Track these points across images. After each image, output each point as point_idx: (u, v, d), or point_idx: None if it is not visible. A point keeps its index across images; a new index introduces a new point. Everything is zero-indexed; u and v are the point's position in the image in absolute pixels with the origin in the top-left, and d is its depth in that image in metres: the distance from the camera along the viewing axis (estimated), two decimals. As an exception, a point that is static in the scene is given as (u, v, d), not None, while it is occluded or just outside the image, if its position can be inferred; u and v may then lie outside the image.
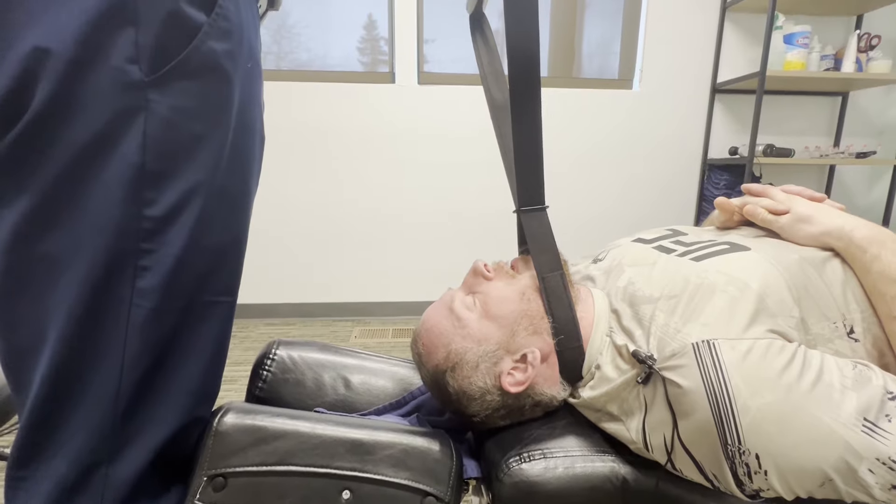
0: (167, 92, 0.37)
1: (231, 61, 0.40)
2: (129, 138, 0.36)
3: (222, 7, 0.39)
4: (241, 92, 0.43)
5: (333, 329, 2.22)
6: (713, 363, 0.41)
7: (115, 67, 0.35)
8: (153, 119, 0.37)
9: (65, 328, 0.37)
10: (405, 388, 0.66)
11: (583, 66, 2.35)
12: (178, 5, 0.36)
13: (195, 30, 0.37)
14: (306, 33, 2.21)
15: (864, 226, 0.49)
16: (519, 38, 0.45)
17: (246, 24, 0.42)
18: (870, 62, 2.10)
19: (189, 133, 0.39)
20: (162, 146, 0.38)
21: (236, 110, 0.42)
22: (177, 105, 0.37)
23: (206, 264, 0.43)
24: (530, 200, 0.51)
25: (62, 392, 0.39)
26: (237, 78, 0.41)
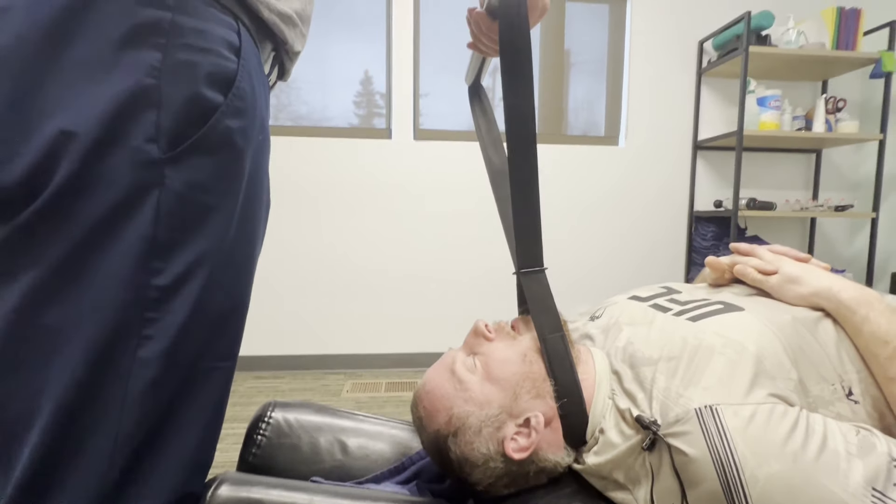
0: (182, 168, 0.38)
1: (244, 137, 0.42)
2: (142, 212, 0.37)
3: (238, 88, 0.41)
4: (251, 163, 0.44)
5: (325, 383, 2.15)
6: (717, 430, 0.41)
7: (135, 147, 0.36)
8: (167, 194, 0.37)
9: (61, 403, 0.36)
10: (404, 452, 0.64)
11: (570, 124, 2.47)
12: (199, 89, 0.38)
13: (213, 110, 0.39)
14: (305, 87, 2.31)
15: (851, 287, 0.51)
16: (516, 109, 0.48)
17: (258, 100, 0.45)
18: (838, 123, 2.24)
19: (200, 205, 0.40)
20: (173, 219, 0.38)
21: (246, 181, 0.44)
22: (190, 180, 0.38)
23: (209, 330, 0.42)
24: (529, 262, 0.52)
25: (51, 470, 0.37)
26: (249, 151, 0.43)
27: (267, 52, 0.48)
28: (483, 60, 0.68)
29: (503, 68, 0.48)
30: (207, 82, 0.38)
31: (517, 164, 0.50)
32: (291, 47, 0.50)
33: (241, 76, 0.41)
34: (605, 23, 2.43)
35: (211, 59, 0.38)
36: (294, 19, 0.47)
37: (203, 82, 0.38)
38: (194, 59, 0.38)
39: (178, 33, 0.37)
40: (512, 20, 0.46)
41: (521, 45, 0.47)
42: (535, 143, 0.49)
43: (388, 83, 2.31)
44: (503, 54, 0.47)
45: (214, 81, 0.39)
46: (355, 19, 2.30)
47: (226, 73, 0.40)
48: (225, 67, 0.40)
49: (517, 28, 0.46)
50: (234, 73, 0.40)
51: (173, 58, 0.37)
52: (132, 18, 0.35)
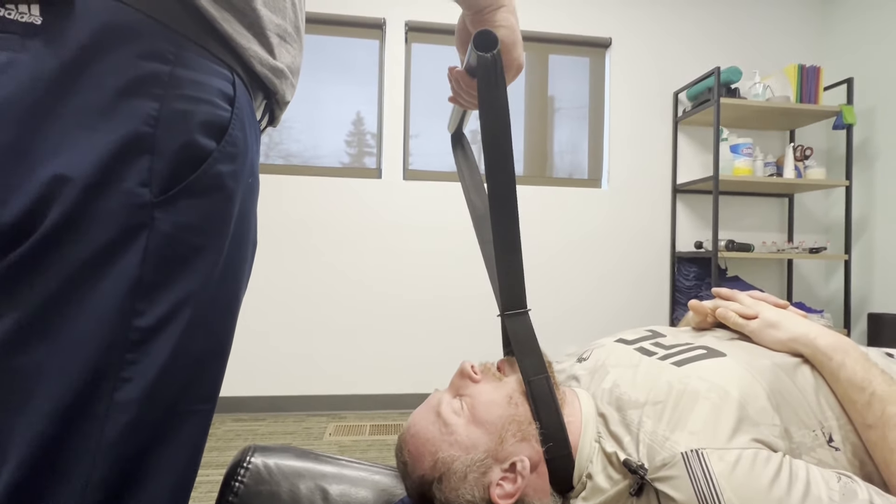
0: (172, 210, 0.38)
1: (234, 181, 0.43)
2: (130, 254, 0.37)
3: (231, 135, 0.42)
4: (241, 205, 0.44)
5: (307, 425, 2.08)
6: (703, 474, 0.41)
7: (127, 190, 0.36)
8: (155, 235, 0.37)
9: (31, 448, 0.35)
10: (387, 499, 0.62)
11: (555, 166, 2.56)
12: (193, 136, 0.39)
13: (205, 156, 0.40)
14: (297, 127, 2.37)
15: (827, 334, 0.52)
16: (495, 158, 0.51)
17: (250, 145, 0.46)
18: (807, 169, 2.36)
19: (188, 246, 0.39)
20: (160, 260, 0.38)
21: (234, 221, 0.44)
22: (179, 222, 0.39)
23: (189, 372, 0.41)
24: (513, 304, 0.53)
25: None
26: (238, 194, 0.44)
27: (259, 100, 0.50)
28: (464, 112, 0.72)
29: (482, 121, 0.50)
30: (201, 130, 0.39)
31: (498, 210, 0.51)
32: (282, 97, 0.52)
33: (234, 124, 0.42)
34: (587, 73, 2.57)
35: (205, 109, 0.40)
36: (285, 73, 0.50)
37: (197, 130, 0.39)
38: (190, 108, 0.39)
39: (175, 84, 0.38)
40: (490, 80, 0.49)
41: (499, 104, 0.50)
42: (514, 190, 0.51)
43: (379, 125, 2.39)
44: (483, 112, 0.50)
45: (208, 129, 0.40)
46: (348, 64, 2.39)
47: (219, 122, 0.41)
48: (219, 116, 0.41)
49: (495, 86, 0.49)
50: (227, 121, 0.41)
51: (170, 107, 0.38)
52: (134, 71, 0.36)
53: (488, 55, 0.48)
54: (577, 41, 2.51)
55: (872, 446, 0.47)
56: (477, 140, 2.05)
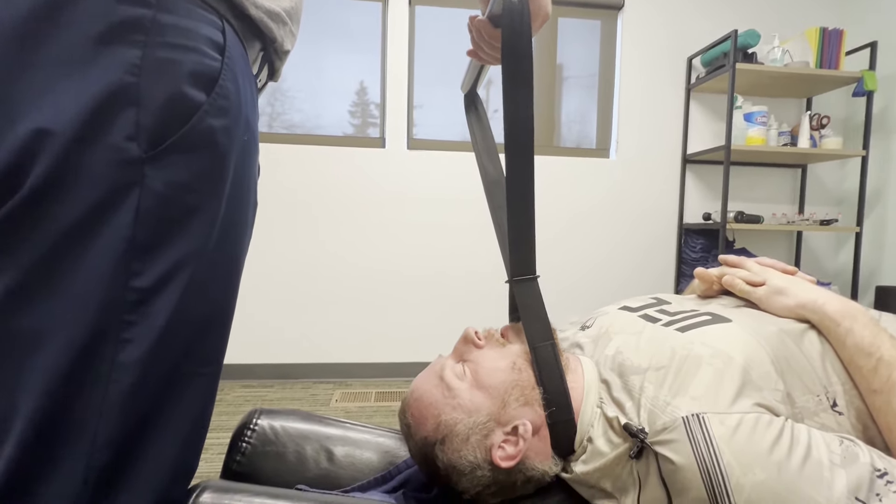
0: (163, 166, 0.37)
1: (227, 137, 0.41)
2: (122, 213, 0.36)
3: (222, 87, 0.40)
4: (236, 164, 0.43)
5: (313, 392, 2.13)
6: (704, 438, 0.41)
7: (113, 146, 0.35)
8: (147, 193, 0.36)
9: (37, 406, 0.35)
10: (391, 461, 0.64)
11: (562, 136, 2.50)
12: (181, 87, 0.37)
13: (195, 109, 0.38)
14: (300, 97, 2.32)
15: (836, 300, 0.52)
16: (516, 116, 0.49)
17: (244, 99, 0.44)
18: (823, 139, 2.30)
19: (182, 205, 0.38)
20: (154, 219, 0.37)
21: (230, 182, 0.43)
22: (171, 179, 0.37)
23: (191, 335, 0.41)
24: (522, 270, 0.53)
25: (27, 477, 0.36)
26: (233, 152, 0.42)
27: (255, 51, 0.47)
28: (480, 69, 0.69)
29: (505, 75, 0.48)
30: (189, 81, 0.38)
31: (515, 173, 0.50)
32: (280, 46, 0.49)
33: (224, 75, 0.40)
34: (597, 38, 2.47)
35: (193, 57, 0.38)
36: (283, 17, 0.47)
37: (185, 80, 0.37)
38: (176, 56, 0.37)
39: (158, 31, 0.36)
40: (515, 27, 0.47)
41: (523, 52, 0.47)
42: (533, 152, 0.50)
43: (382, 92, 2.33)
44: (505, 61, 0.48)
45: (197, 80, 0.38)
46: (350, 31, 2.32)
47: (209, 72, 0.39)
48: (208, 66, 0.39)
49: (520, 35, 0.47)
50: (217, 71, 0.39)
51: (154, 55, 0.36)
52: (111, 16, 0.34)
53: (516, 0, 0.45)
54: (588, 3, 2.40)
55: (877, 411, 0.46)
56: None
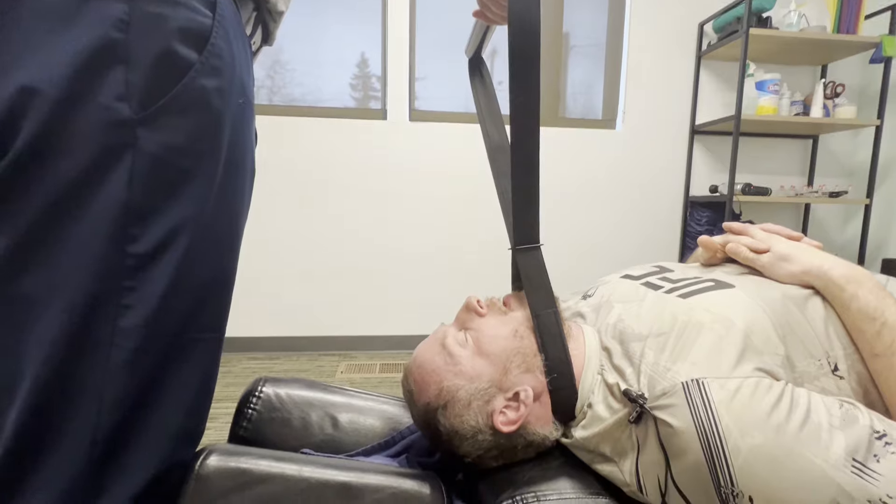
0: (156, 129, 0.36)
1: (221, 98, 0.40)
2: (115, 175, 0.35)
3: (214, 45, 0.39)
4: (232, 128, 0.42)
5: (319, 364, 2.16)
6: (703, 402, 0.42)
7: (103, 106, 0.34)
8: (141, 156, 0.36)
9: (41, 371, 0.36)
10: (394, 427, 0.65)
11: (568, 106, 2.44)
12: (171, 44, 0.36)
13: (186, 68, 0.37)
14: (300, 69, 2.27)
15: (842, 265, 0.51)
16: (523, 79, 0.47)
17: (238, 61, 0.43)
18: (836, 108, 2.23)
19: (177, 169, 0.38)
20: (149, 182, 0.37)
21: (226, 147, 0.42)
22: (165, 142, 0.37)
23: (191, 301, 0.41)
24: (525, 239, 0.52)
25: (35, 438, 0.36)
26: (227, 114, 0.41)
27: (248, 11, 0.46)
28: (486, 32, 0.67)
29: (511, 31, 0.46)
30: (179, 38, 0.37)
31: (520, 139, 0.49)
32: (274, 6, 0.47)
33: (216, 33, 0.39)
34: (605, 4, 2.38)
35: (183, 14, 0.37)
36: None
37: (175, 37, 0.36)
38: (164, 12, 0.36)
39: None
40: None
41: (530, 9, 0.45)
42: (538, 117, 0.49)
43: (383, 62, 2.27)
44: (512, 17, 0.46)
45: (187, 37, 0.37)
46: (351, 0, 2.24)
47: (199, 29, 0.38)
48: (198, 23, 0.38)
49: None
50: (208, 29, 0.38)
51: (141, 10, 0.35)
52: None
53: None
54: (597, -35, 2.30)
55: (878, 375, 0.46)
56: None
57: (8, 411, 0.36)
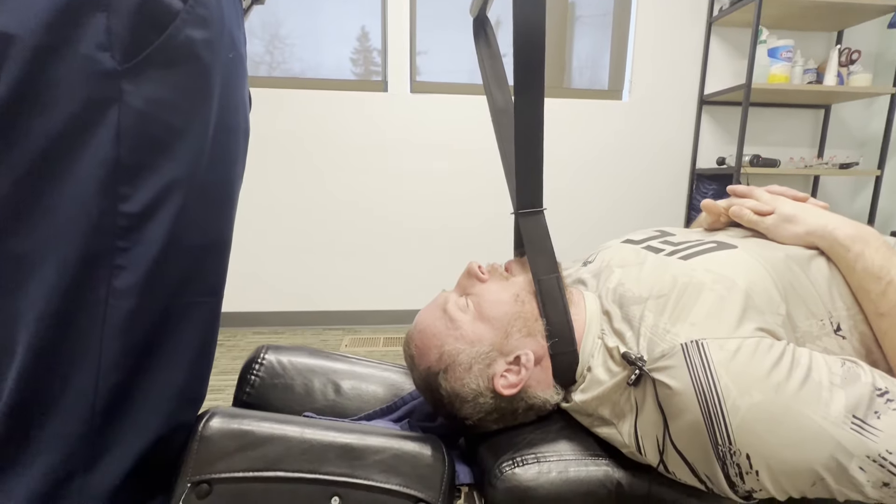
0: (142, 82, 0.35)
1: (209, 51, 0.39)
2: (101, 131, 0.35)
3: None
4: (222, 84, 0.41)
5: (323, 338, 2.19)
6: (702, 363, 0.41)
7: (85, 55, 0.33)
8: (127, 110, 0.35)
9: (37, 331, 0.36)
10: (396, 393, 0.65)
11: (573, 77, 2.38)
12: None
13: (171, 16, 0.36)
14: (300, 44, 2.22)
15: (848, 224, 0.50)
16: (525, 42, 0.46)
17: (226, 13, 0.41)
18: (851, 76, 2.16)
19: (166, 125, 0.37)
20: (137, 139, 0.36)
21: (217, 104, 0.41)
22: (152, 96, 0.36)
23: (187, 264, 0.41)
24: (529, 203, 0.51)
25: (34, 399, 0.37)
26: (216, 69, 0.40)
27: None
28: None
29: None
30: None
31: (524, 100, 0.48)
32: None
33: None
34: (613, -32, 2.29)
35: None
36: None
37: None
38: None
39: None
40: None
41: None
42: (543, 78, 0.47)
43: (383, 32, 2.21)
44: None
45: None
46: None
47: None
48: None
49: None
50: None
51: None
52: None
53: None
54: (605, -74, 2.21)
55: (882, 335, 0.46)
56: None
57: (8, 370, 0.36)
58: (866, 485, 0.39)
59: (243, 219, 2.20)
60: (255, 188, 2.18)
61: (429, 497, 0.46)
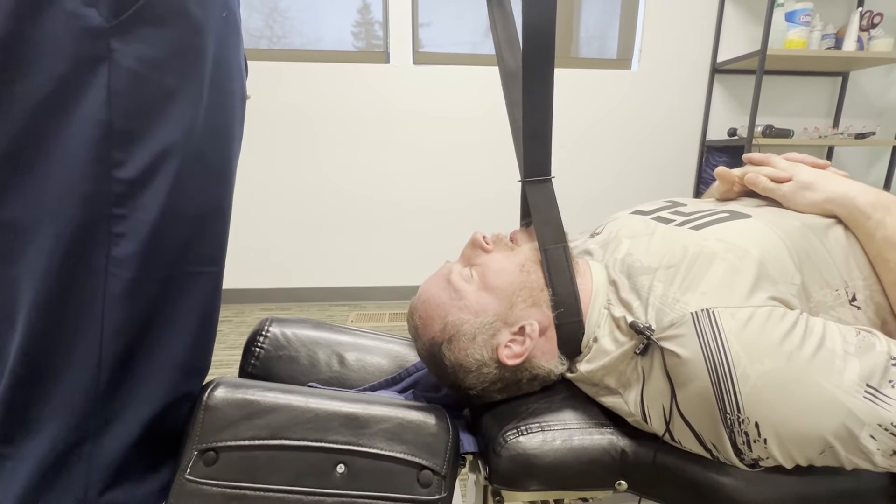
0: (131, 40, 0.34)
1: (201, 8, 0.38)
2: (91, 92, 0.34)
3: None
4: (216, 46, 0.40)
5: (329, 314, 2.21)
6: (713, 332, 0.40)
7: (69, 11, 0.32)
8: (117, 71, 0.34)
9: (37, 299, 0.36)
10: (401, 365, 0.66)
11: (581, 47, 2.31)
12: None
13: None
14: (300, 17, 2.16)
15: (869, 191, 0.48)
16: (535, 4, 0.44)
17: None
18: (871, 41, 2.07)
19: (159, 87, 0.36)
20: (129, 102, 0.35)
21: (211, 66, 0.40)
22: (143, 55, 0.35)
23: (186, 232, 0.41)
24: (536, 171, 0.50)
25: (39, 367, 0.37)
26: (209, 28, 0.39)
27: None
28: None
29: None
30: None
31: (533, 65, 0.46)
32: None
33: None
34: (624, -73, 2.19)
35: None
36: None
37: None
38: None
39: None
40: None
41: None
42: (553, 42, 0.45)
43: (384, 5, 2.14)
44: None
45: None
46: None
47: None
48: None
49: None
50: None
51: None
52: None
53: None
54: None
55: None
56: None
57: (11, 339, 0.36)
58: (876, 453, 0.38)
59: (248, 194, 2.20)
60: (259, 164, 2.17)
61: (433, 464, 0.46)
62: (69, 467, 0.39)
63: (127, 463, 0.41)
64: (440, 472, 0.46)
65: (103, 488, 0.40)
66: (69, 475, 0.39)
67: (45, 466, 0.38)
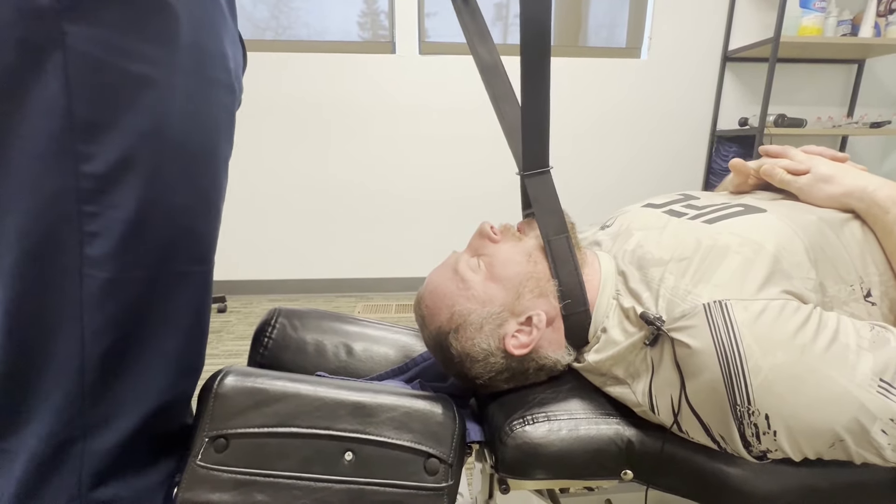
0: (87, 22, 0.32)
1: None
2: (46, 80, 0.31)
3: None
4: (193, 27, 0.37)
5: (336, 305, 2.22)
6: (725, 323, 0.40)
7: None
8: (74, 56, 0.32)
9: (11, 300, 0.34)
10: (407, 355, 0.66)
11: (589, 35, 2.27)
12: None
13: None
14: (305, 7, 2.14)
15: (888, 185, 0.47)
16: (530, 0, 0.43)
17: None
18: (889, 27, 2.02)
19: (123, 74, 0.34)
20: (91, 90, 0.33)
21: (186, 50, 0.37)
22: (101, 39, 0.32)
23: (169, 230, 0.39)
24: (534, 163, 0.50)
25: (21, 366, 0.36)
26: (182, 8, 0.36)
27: None
28: None
29: None
30: None
31: (530, 58, 0.45)
32: None
33: None
34: (635, -89, 2.14)
35: None
36: None
37: None
38: None
39: None
40: None
41: None
42: (549, 36, 0.45)
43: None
44: None
45: None
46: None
47: None
48: None
49: None
50: None
51: None
52: None
53: None
54: None
55: (917, 298, 0.44)
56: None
57: None
58: (887, 448, 0.38)
59: (254, 186, 2.21)
60: (266, 155, 2.17)
61: (440, 453, 0.47)
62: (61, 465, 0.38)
63: (122, 459, 0.41)
64: (447, 460, 0.47)
65: (98, 482, 0.39)
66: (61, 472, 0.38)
67: (36, 464, 0.37)
